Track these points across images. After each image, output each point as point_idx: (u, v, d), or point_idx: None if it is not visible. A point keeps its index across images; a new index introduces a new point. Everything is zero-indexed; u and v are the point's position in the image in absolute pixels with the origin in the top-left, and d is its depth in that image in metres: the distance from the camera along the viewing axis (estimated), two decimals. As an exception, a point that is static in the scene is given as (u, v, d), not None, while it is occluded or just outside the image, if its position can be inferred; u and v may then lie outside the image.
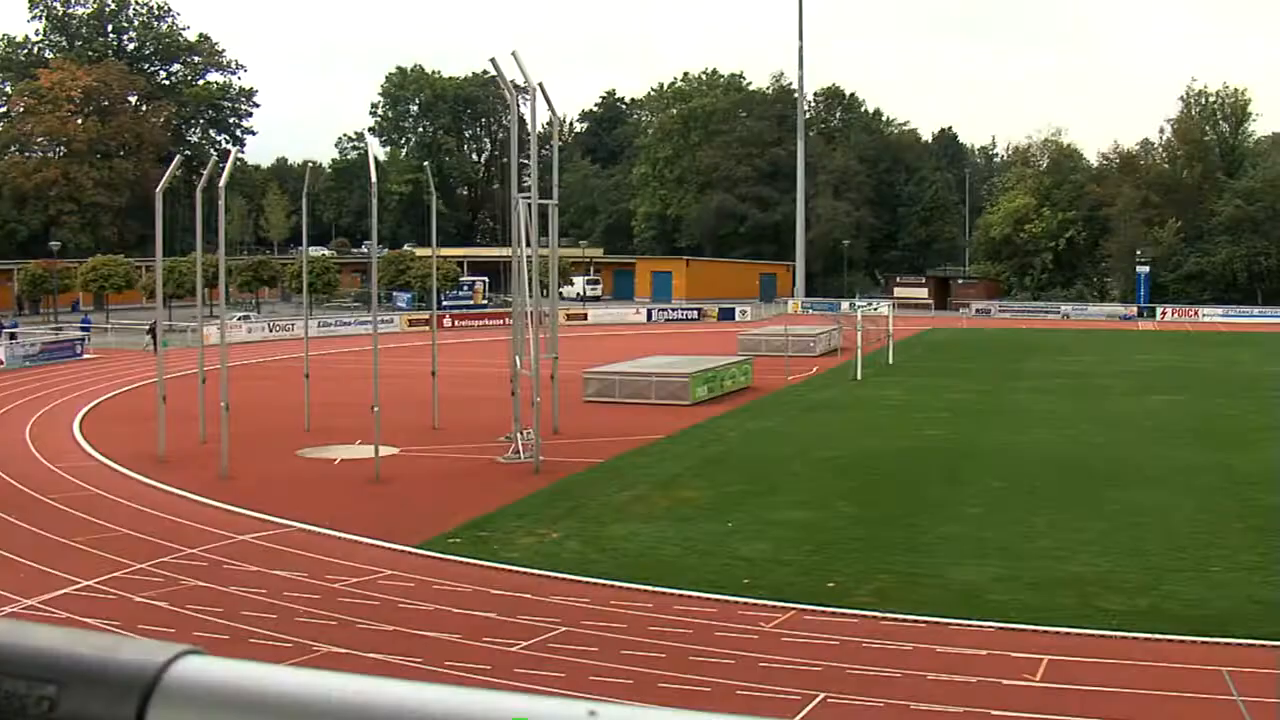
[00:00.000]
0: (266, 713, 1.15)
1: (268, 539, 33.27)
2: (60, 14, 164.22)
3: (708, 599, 27.17)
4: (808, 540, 32.49)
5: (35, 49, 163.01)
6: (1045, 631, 24.66)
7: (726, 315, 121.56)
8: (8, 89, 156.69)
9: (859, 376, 68.18)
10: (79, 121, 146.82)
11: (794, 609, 26.22)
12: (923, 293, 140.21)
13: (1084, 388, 65.79)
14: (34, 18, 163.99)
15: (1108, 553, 30.88)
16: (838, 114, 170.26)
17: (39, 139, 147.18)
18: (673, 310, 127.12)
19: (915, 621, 25.32)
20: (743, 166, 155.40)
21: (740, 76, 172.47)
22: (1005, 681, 21.97)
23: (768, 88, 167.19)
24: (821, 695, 21.27)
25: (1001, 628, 24.84)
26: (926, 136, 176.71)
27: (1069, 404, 59.00)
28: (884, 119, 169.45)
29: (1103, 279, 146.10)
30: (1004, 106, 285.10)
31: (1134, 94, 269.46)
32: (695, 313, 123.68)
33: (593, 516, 35.37)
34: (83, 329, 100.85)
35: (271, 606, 26.93)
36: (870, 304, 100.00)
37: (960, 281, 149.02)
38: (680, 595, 27.45)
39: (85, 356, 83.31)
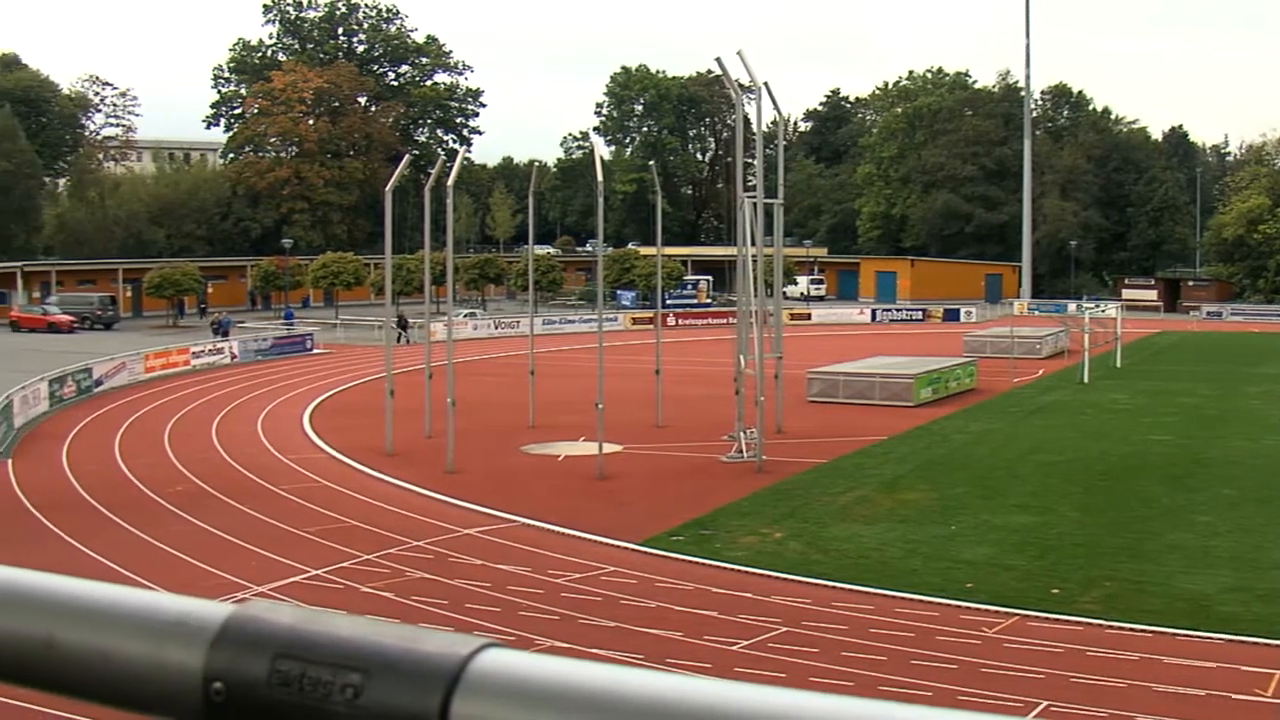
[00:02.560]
0: (570, 709, 1.16)
1: (492, 533, 33.72)
2: (293, 18, 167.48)
3: (930, 602, 27.02)
4: (1031, 545, 32.16)
5: (269, 52, 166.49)
6: (1278, 645, 24.12)
7: (951, 316, 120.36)
8: (243, 91, 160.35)
9: (1086, 379, 67.18)
10: (310, 122, 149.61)
11: (1017, 615, 25.98)
12: (1152, 295, 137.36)
13: (1320, 394, 64.13)
14: (268, 22, 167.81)
15: (1343, 564, 30.14)
16: (1065, 112, 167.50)
17: (272, 139, 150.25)
18: (897, 310, 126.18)
19: (1141, 631, 24.94)
20: (968, 166, 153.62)
21: (966, 74, 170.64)
22: (1235, 696, 21.54)
23: (994, 86, 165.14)
24: (1044, 704, 21.05)
25: (1231, 640, 24.35)
26: (1156, 135, 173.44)
27: (1304, 410, 57.55)
28: (1113, 117, 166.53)
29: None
30: (1237, 104, 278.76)
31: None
32: (920, 313, 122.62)
33: (815, 517, 35.32)
34: (286, 321, 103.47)
35: (495, 600, 27.30)
36: (1098, 306, 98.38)
37: (1191, 283, 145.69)
38: (902, 598, 27.33)
39: (315, 351, 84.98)
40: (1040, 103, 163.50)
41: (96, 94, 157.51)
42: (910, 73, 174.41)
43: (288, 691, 1.26)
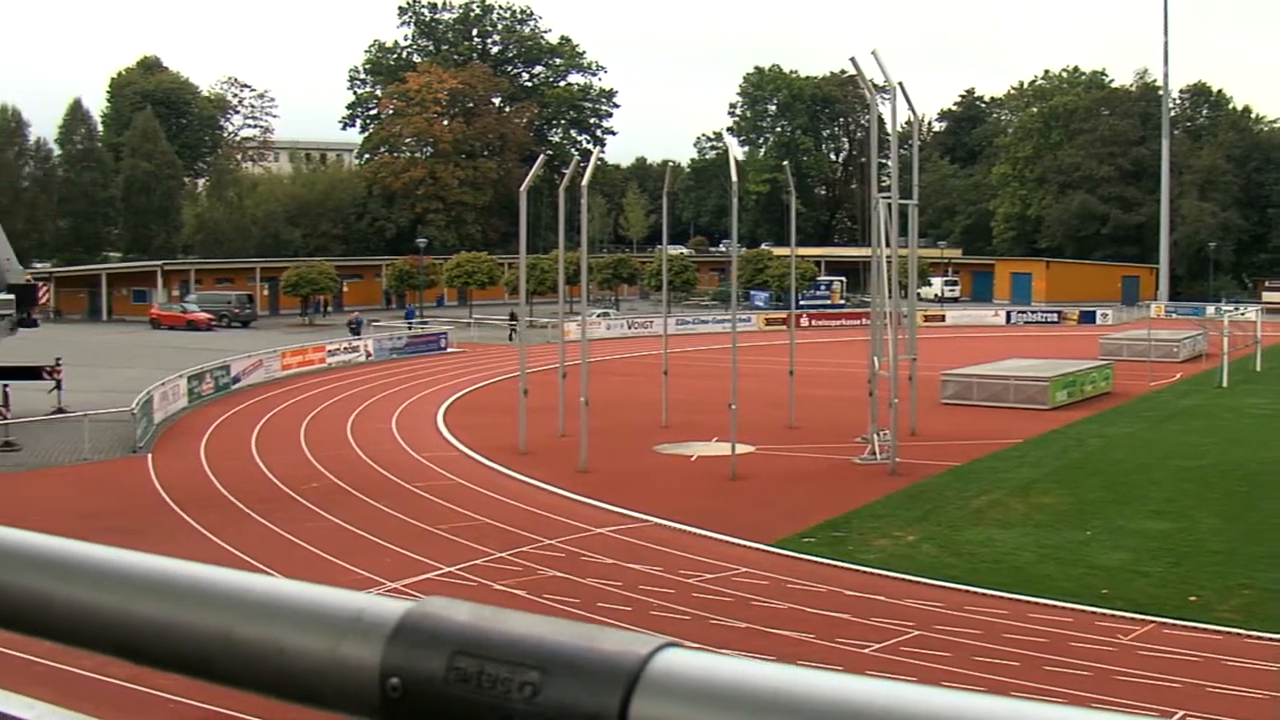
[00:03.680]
0: (752, 710, 1.16)
1: (624, 532, 33.82)
2: (428, 19, 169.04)
3: (1064, 608, 26.78)
4: (1168, 551, 31.77)
5: (404, 53, 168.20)
6: None
7: (1087, 318, 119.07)
8: (378, 92, 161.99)
9: (1224, 384, 66.25)
10: (445, 123, 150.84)
11: (1153, 622, 25.69)
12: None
13: None
14: (403, 23, 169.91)
15: None
16: (1204, 111, 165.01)
17: (407, 140, 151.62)
18: (1032, 312, 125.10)
19: (1281, 640, 24.57)
20: (1105, 166, 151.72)
21: (1102, 73, 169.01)
22: (1377, 705, 21.18)
23: (1131, 85, 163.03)
24: (1180, 713, 20.80)
25: (1374, 649, 23.94)
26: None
27: None
28: (1253, 116, 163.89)
29: None
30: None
31: None
32: (1055, 315, 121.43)
33: (948, 520, 35.13)
34: (408, 320, 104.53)
35: (626, 599, 27.37)
36: (1237, 309, 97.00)
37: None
38: (1036, 603, 27.12)
39: (449, 350, 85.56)
40: (1178, 102, 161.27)
41: (235, 95, 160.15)
42: (1046, 72, 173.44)
43: (465, 688, 1.28)
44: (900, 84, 47.32)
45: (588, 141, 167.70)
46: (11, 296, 54.30)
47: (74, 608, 1.57)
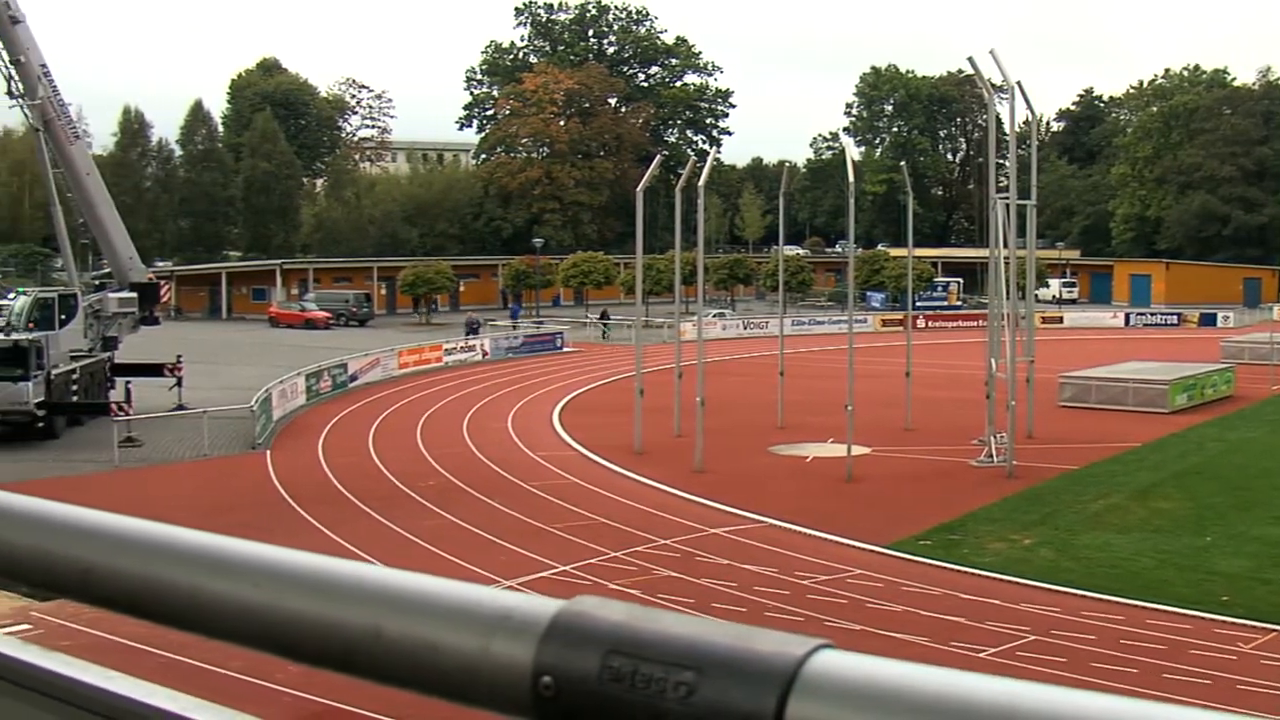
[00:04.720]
0: (910, 713, 1.15)
1: (739, 533, 33.80)
2: (544, 20, 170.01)
3: (1183, 615, 26.49)
4: (1291, 559, 31.34)
5: (520, 54, 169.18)
6: None
7: (1208, 321, 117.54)
8: (495, 92, 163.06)
9: (1349, 387, 65.29)
10: (561, 123, 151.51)
11: (1275, 630, 25.35)
12: None
13: None
14: (519, 24, 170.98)
15: None
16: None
17: (523, 140, 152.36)
18: (1151, 314, 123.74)
19: None
20: (1226, 166, 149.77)
21: (1224, 72, 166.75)
22: None
23: (1253, 83, 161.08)
24: (1303, 721, 20.52)
25: None
26: None
27: None
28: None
29: None
30: None
31: None
32: (1175, 318, 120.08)
33: (1065, 524, 34.85)
34: (512, 318, 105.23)
35: (740, 600, 27.35)
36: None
37: None
38: (1154, 609, 26.83)
39: (566, 350, 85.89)
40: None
41: (353, 96, 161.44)
42: (1166, 71, 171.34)
43: (619, 688, 1.28)
44: (1018, 83, 47.02)
45: (704, 142, 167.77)
46: (134, 295, 55.28)
47: (227, 603, 1.59)
